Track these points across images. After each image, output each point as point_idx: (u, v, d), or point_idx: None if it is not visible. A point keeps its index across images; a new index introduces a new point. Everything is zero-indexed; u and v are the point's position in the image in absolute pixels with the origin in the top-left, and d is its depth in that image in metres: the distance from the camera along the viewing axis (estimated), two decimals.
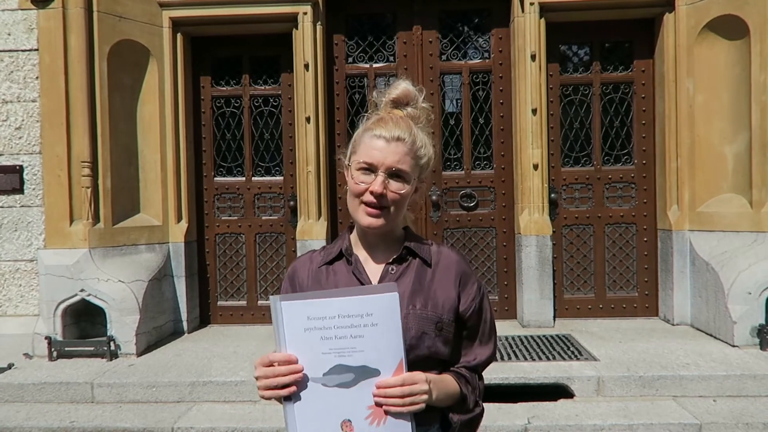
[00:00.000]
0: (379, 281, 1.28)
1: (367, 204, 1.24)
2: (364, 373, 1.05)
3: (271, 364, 1.10)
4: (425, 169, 1.31)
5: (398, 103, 1.31)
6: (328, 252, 1.35)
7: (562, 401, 3.36)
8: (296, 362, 1.09)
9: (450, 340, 1.28)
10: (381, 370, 1.06)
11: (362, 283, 1.27)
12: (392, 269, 1.29)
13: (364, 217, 1.25)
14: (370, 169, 1.23)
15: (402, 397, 1.08)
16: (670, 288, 4.50)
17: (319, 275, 1.31)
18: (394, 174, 1.23)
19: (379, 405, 1.08)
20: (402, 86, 1.32)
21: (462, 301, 1.30)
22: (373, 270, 1.30)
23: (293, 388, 1.08)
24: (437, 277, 1.30)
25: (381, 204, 1.23)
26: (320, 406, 1.07)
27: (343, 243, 1.35)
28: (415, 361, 1.22)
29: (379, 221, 1.24)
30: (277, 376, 1.09)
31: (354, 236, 1.36)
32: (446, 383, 1.24)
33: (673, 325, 4.47)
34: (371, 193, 1.22)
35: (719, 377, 3.37)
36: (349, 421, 1.07)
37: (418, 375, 1.12)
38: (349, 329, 1.04)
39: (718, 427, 3.02)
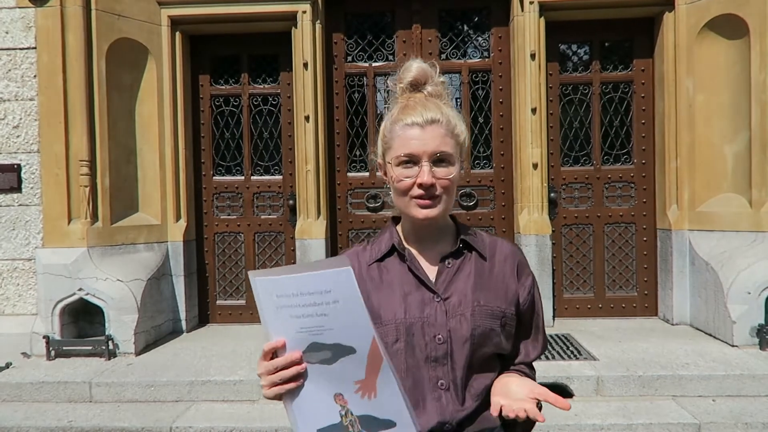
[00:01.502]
0: (437, 277, 1.21)
1: (418, 198, 1.16)
2: (340, 350, 1.00)
3: (268, 357, 1.04)
4: (464, 147, 1.23)
5: (417, 85, 1.23)
6: (377, 248, 1.27)
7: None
8: (283, 346, 1.02)
9: (512, 334, 1.23)
10: (356, 348, 0.99)
11: (421, 280, 1.20)
12: (449, 263, 1.23)
13: (418, 210, 1.17)
14: (412, 160, 1.16)
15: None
16: (669, 288, 4.49)
17: (371, 274, 1.24)
18: (438, 160, 1.15)
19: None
20: (415, 66, 1.23)
21: (520, 293, 1.25)
22: (428, 265, 1.23)
23: (299, 382, 1.02)
24: (496, 269, 1.24)
25: (431, 194, 1.16)
26: (310, 383, 1.03)
27: (392, 237, 1.26)
28: (480, 360, 1.18)
29: (435, 211, 1.17)
30: (278, 370, 1.02)
31: (402, 229, 1.29)
32: None
33: (672, 324, 4.46)
34: (420, 186, 1.15)
35: (718, 377, 3.36)
36: (341, 394, 1.02)
37: (530, 405, 1.08)
38: (313, 307, 0.98)
39: (717, 427, 3.02)
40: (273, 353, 1.04)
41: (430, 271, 1.23)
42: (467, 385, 1.17)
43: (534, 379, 1.27)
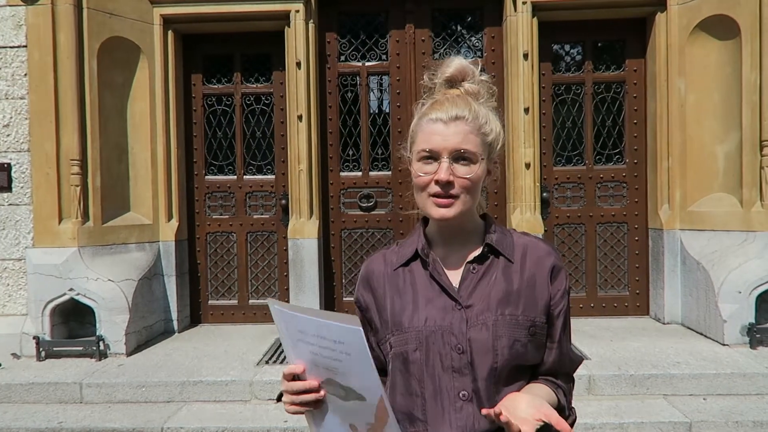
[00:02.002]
0: (461, 283, 1.16)
1: (435, 195, 1.12)
2: (353, 393, 1.03)
3: (289, 377, 1.09)
4: (494, 147, 1.18)
5: (453, 82, 1.20)
6: (403, 252, 1.23)
7: None
8: (302, 371, 1.07)
9: (543, 343, 1.16)
10: (367, 398, 1.02)
11: (442, 287, 1.16)
12: (474, 268, 1.17)
13: (435, 209, 1.13)
14: (432, 156, 1.12)
15: None
16: (660, 287, 4.51)
17: (396, 279, 1.21)
18: (459, 157, 1.11)
19: None
20: (455, 63, 1.19)
21: (552, 299, 1.17)
22: (453, 270, 1.19)
23: (319, 405, 1.08)
24: (527, 273, 1.17)
25: (448, 192, 1.11)
26: (329, 409, 1.09)
27: (418, 241, 1.22)
28: (508, 371, 1.12)
29: (451, 211, 1.12)
30: (298, 394, 1.07)
31: (429, 231, 1.25)
32: (548, 402, 1.09)
33: (663, 323, 4.48)
34: (437, 182, 1.11)
35: (709, 376, 3.38)
36: (355, 425, 1.06)
37: (528, 428, 0.97)
38: (329, 351, 1.01)
39: (708, 426, 3.03)
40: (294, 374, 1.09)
41: (455, 276, 1.18)
42: (494, 397, 1.10)
43: (568, 393, 1.20)
